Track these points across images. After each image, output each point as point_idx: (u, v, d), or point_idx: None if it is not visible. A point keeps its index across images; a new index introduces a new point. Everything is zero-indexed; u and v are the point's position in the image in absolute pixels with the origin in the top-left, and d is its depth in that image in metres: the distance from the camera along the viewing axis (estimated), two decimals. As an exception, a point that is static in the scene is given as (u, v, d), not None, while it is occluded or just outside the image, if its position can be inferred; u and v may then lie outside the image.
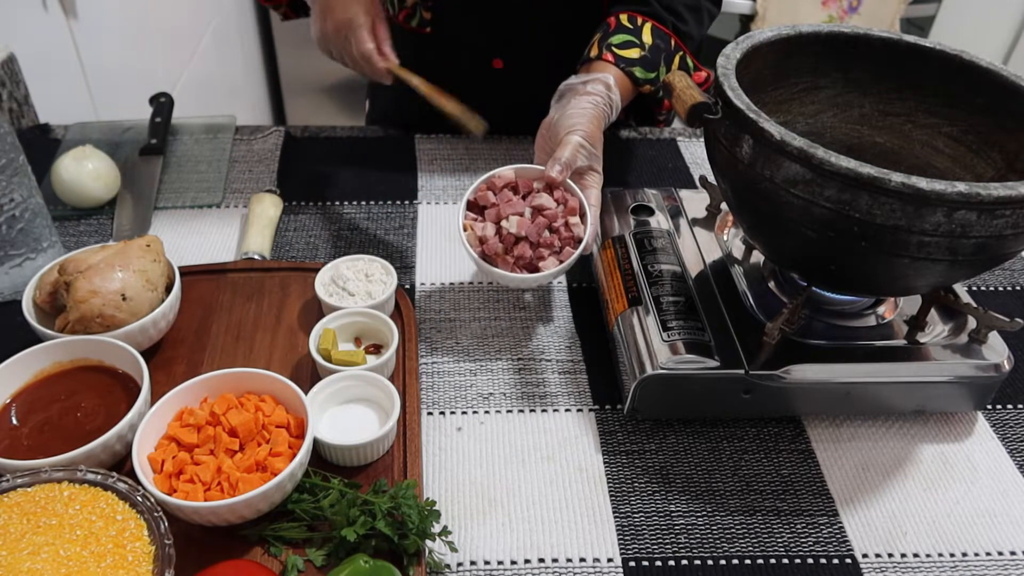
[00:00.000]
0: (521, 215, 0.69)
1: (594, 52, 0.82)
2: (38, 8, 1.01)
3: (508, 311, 0.78)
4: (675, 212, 0.80)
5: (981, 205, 0.52)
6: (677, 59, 0.86)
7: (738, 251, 0.76)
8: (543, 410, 0.68)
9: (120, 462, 0.58)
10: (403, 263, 0.83)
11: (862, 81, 0.72)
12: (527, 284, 0.70)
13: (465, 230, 0.70)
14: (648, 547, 0.59)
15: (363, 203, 0.91)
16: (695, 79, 0.88)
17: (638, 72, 0.81)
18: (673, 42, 0.85)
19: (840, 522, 0.61)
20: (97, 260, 0.65)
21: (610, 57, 0.81)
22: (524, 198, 0.71)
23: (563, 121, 0.74)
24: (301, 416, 0.59)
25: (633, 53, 0.82)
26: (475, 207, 0.72)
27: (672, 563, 0.58)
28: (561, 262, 0.69)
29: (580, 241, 0.70)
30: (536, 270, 0.69)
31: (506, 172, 0.72)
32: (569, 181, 0.72)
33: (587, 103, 0.76)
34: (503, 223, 0.69)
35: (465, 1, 0.95)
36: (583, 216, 0.71)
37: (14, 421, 0.58)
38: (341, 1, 0.81)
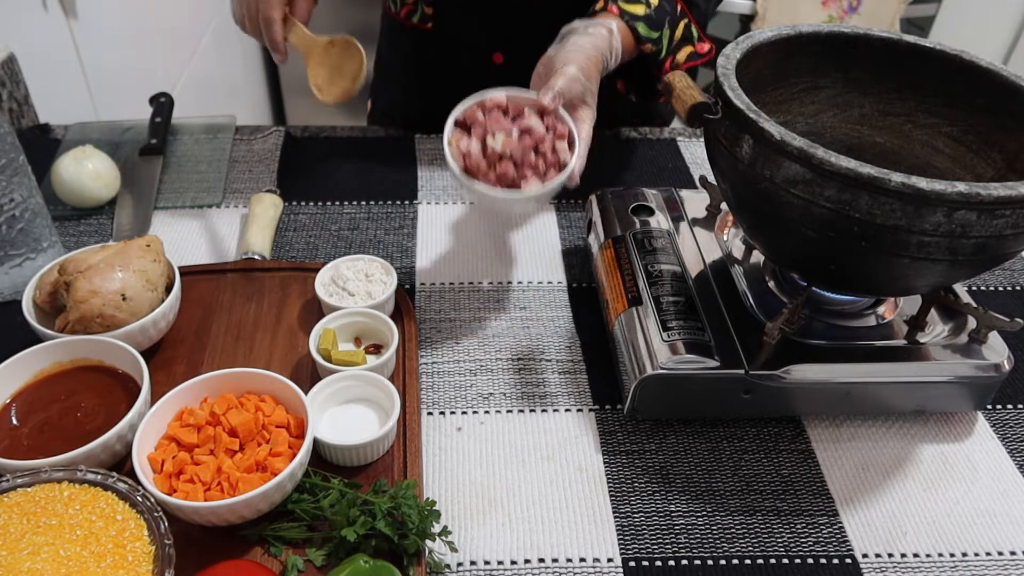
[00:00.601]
0: (508, 134, 0.67)
1: (599, 5, 0.81)
2: (38, 8, 1.01)
3: (508, 311, 0.78)
4: (675, 212, 0.80)
5: (981, 205, 0.52)
6: (681, 26, 0.85)
7: (738, 251, 0.76)
8: (543, 410, 0.68)
9: (120, 462, 0.58)
10: (403, 263, 0.83)
11: (862, 81, 0.72)
12: (508, 202, 0.67)
13: (450, 145, 0.68)
14: (648, 547, 0.59)
15: (363, 203, 0.91)
16: (698, 49, 0.87)
17: (641, 28, 0.80)
18: (679, 7, 0.84)
19: (840, 522, 0.61)
20: (97, 260, 0.65)
21: (615, 9, 0.80)
22: (513, 120, 0.68)
23: (560, 55, 0.73)
24: (301, 416, 0.59)
25: (638, 9, 0.81)
26: (463, 127, 0.69)
27: (672, 563, 0.58)
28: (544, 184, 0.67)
29: (566, 167, 0.67)
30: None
31: (497, 95, 0.70)
32: (562, 110, 0.70)
33: (587, 42, 0.74)
34: (488, 139, 0.66)
35: None
36: (572, 145, 0.69)
37: (14, 421, 0.58)
38: None
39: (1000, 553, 0.60)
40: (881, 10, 2.19)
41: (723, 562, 0.58)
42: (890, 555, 0.59)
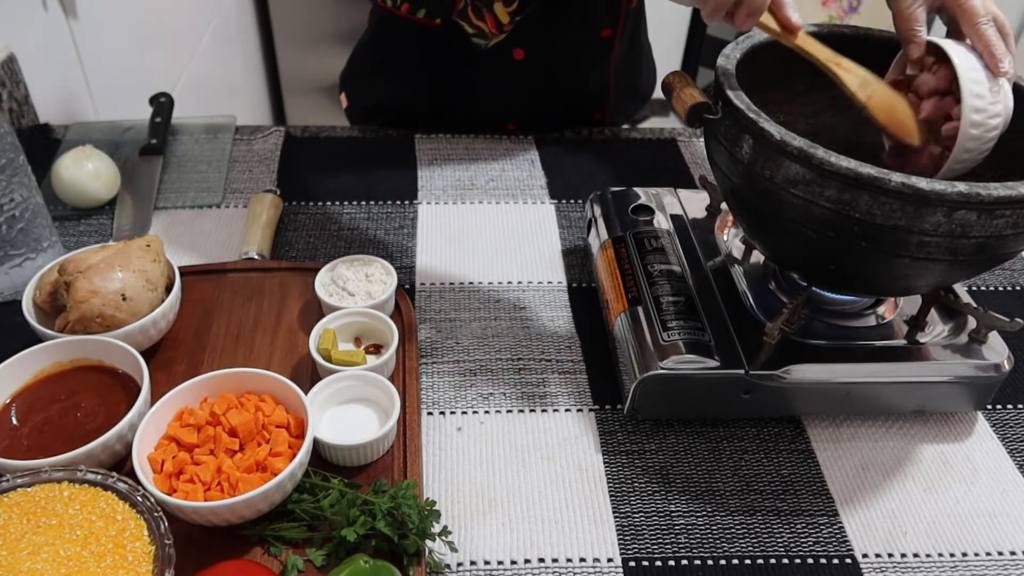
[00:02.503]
0: None
1: None
2: (38, 8, 1.01)
3: (508, 311, 0.78)
4: (675, 212, 0.80)
5: (981, 205, 0.52)
6: None
7: (738, 251, 0.76)
8: (543, 410, 0.68)
9: (120, 462, 0.58)
10: (403, 263, 0.83)
11: (862, 81, 0.72)
12: None
13: None
14: (648, 547, 0.59)
15: (363, 203, 0.91)
16: None
17: None
18: None
19: (840, 522, 0.61)
20: (97, 260, 0.65)
21: None
22: None
23: None
24: (301, 416, 0.59)
25: None
26: None
27: (672, 563, 0.58)
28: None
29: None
30: None
31: None
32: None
33: None
34: None
35: None
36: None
37: (14, 421, 0.58)
38: None
39: (1000, 553, 0.60)
40: (881, 10, 2.18)
41: (723, 562, 0.58)
42: (890, 555, 0.59)
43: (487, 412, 0.68)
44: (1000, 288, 0.85)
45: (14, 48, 0.96)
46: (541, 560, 0.58)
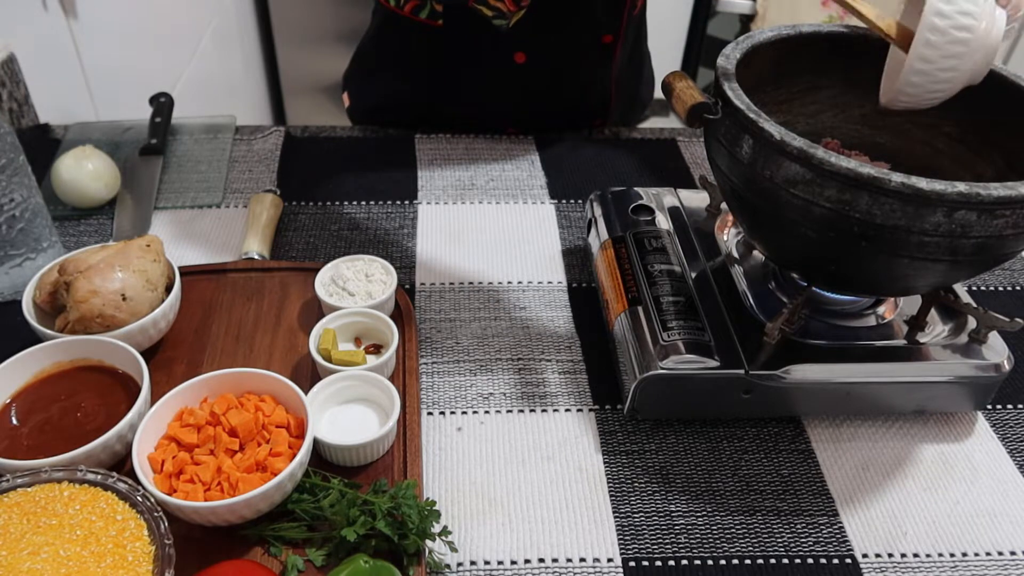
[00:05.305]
0: None
1: None
2: (38, 8, 1.01)
3: (508, 311, 0.78)
4: (675, 212, 0.80)
5: (981, 205, 0.52)
6: None
7: (738, 251, 0.76)
8: (543, 410, 0.68)
9: (120, 462, 0.58)
10: (403, 263, 0.83)
11: (862, 81, 0.72)
12: None
13: None
14: (648, 547, 0.59)
15: (363, 203, 0.91)
16: None
17: None
18: None
19: (840, 522, 0.61)
20: (97, 260, 0.65)
21: None
22: None
23: None
24: (301, 416, 0.59)
25: None
26: None
27: (672, 563, 0.58)
28: None
29: None
30: None
31: None
32: None
33: None
34: None
35: None
36: None
37: (14, 421, 0.58)
38: None
39: (1000, 553, 0.60)
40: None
41: (723, 562, 0.58)
42: (890, 555, 0.59)
43: (487, 412, 0.68)
44: (1000, 288, 0.85)
45: (14, 48, 0.96)
46: (541, 560, 0.58)
